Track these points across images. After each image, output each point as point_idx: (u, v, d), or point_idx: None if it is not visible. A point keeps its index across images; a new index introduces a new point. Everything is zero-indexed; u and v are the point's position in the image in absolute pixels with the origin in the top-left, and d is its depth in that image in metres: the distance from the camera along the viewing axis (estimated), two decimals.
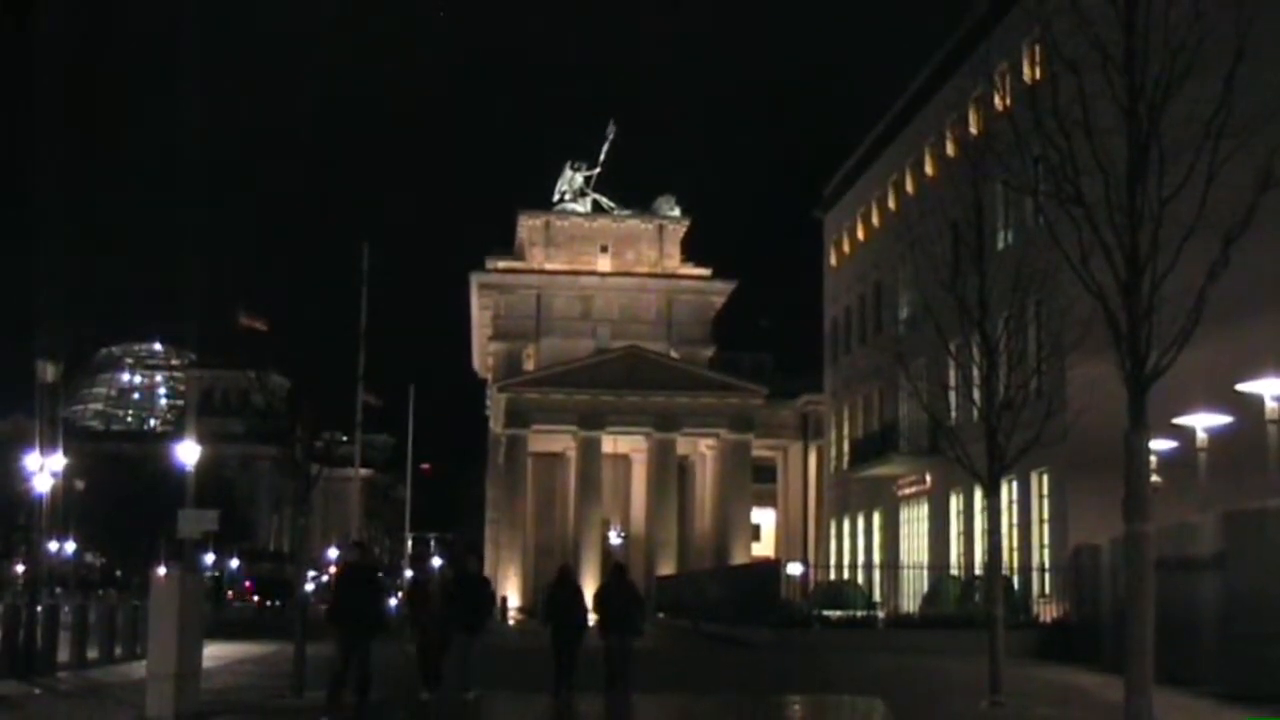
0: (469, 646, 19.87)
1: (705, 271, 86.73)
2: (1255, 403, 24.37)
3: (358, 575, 18.72)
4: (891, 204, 54.18)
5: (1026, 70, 27.92)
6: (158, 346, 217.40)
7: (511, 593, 77.08)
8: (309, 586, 45.61)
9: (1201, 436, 26.90)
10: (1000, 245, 37.72)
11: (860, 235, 60.15)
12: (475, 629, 19.99)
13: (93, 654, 25.67)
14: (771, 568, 44.55)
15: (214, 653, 23.94)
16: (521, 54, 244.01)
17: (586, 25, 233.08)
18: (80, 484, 68.44)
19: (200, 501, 37.69)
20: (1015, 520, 39.82)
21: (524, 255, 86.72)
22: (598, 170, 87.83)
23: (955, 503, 45.68)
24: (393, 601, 40.67)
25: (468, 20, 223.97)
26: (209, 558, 70.11)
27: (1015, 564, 38.55)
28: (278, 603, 72.44)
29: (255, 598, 79.45)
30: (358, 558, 19.87)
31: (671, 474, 77.87)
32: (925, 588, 41.62)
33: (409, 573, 67.22)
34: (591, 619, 21.12)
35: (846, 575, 51.25)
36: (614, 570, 22.65)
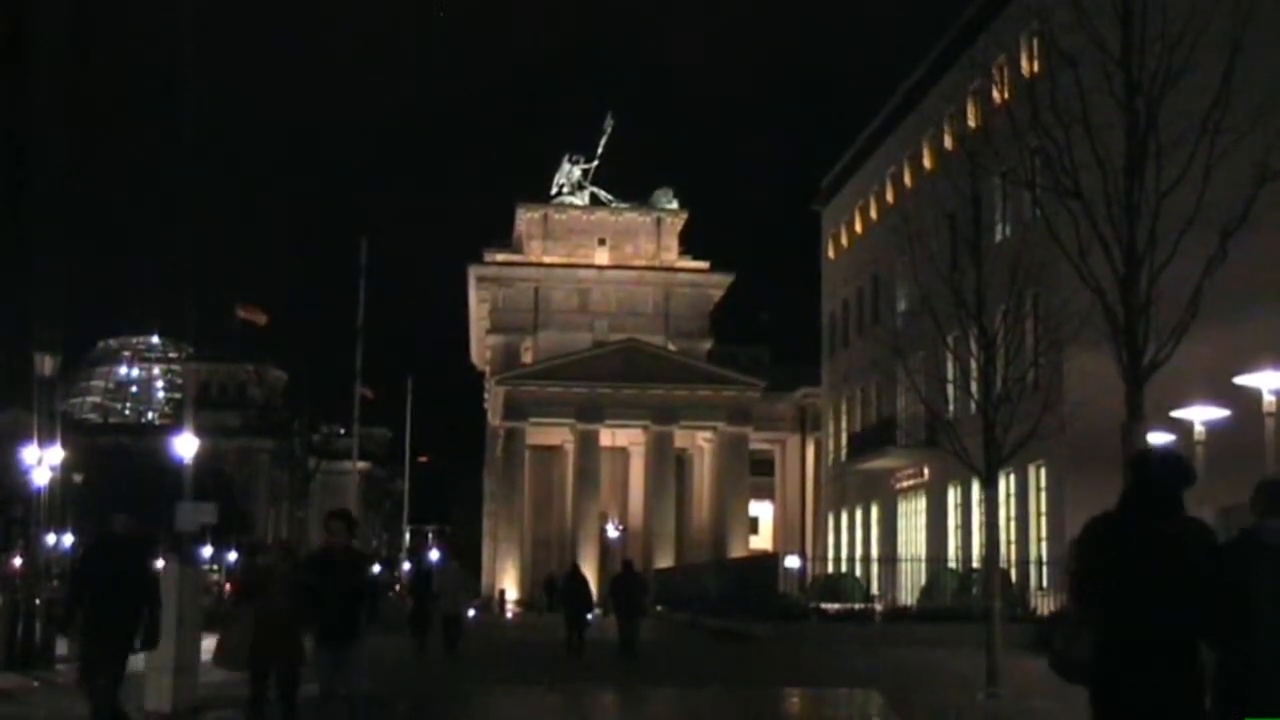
0: (330, 665, 12.08)
1: (703, 265, 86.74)
2: (1253, 396, 24.34)
3: (109, 555, 12.19)
4: (889, 197, 54.17)
5: (1024, 64, 27.88)
6: (155, 339, 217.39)
7: (509, 585, 77.23)
8: None
9: (1199, 430, 26.86)
10: (998, 238, 37.65)
11: (858, 228, 60.14)
12: (337, 636, 11.99)
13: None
14: (769, 561, 44.59)
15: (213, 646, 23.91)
16: (519, 47, 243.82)
17: (584, 18, 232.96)
18: (78, 477, 68.27)
19: (198, 494, 37.63)
20: (1013, 513, 39.85)
21: (522, 248, 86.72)
22: (595, 163, 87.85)
23: (953, 495, 45.72)
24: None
25: (465, 13, 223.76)
26: (207, 551, 70.01)
27: (1013, 557, 38.58)
28: None
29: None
30: (124, 528, 12.58)
31: (669, 467, 77.92)
32: (923, 580, 41.67)
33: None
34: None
35: (844, 568, 51.29)
36: (624, 565, 29.71)
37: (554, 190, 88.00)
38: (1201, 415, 26.79)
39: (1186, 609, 5.61)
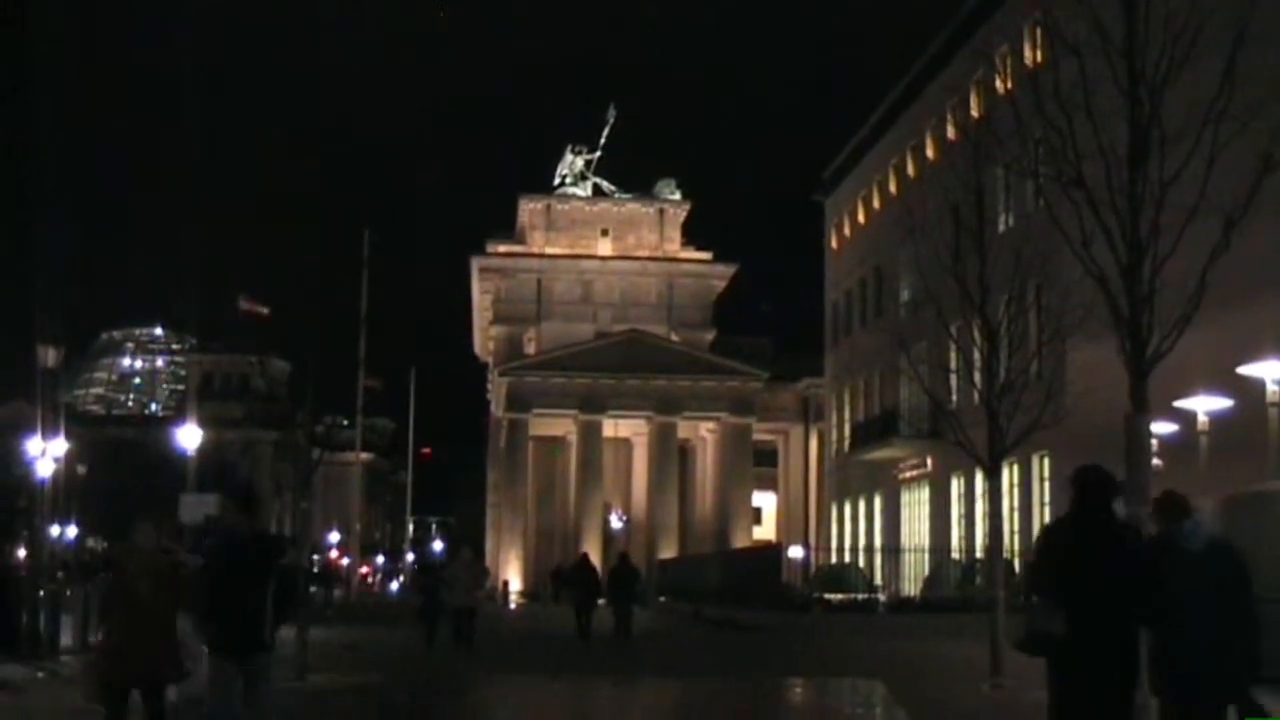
0: (227, 682, 9.28)
1: (706, 255, 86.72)
2: (1256, 386, 24.34)
3: None
4: (892, 187, 54.15)
5: (1028, 53, 27.85)
6: (159, 331, 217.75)
7: (513, 576, 77.31)
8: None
9: (1202, 419, 26.86)
10: (1001, 228, 37.69)
11: (861, 219, 60.12)
12: (242, 645, 9.30)
13: (95, 638, 25.73)
14: (773, 551, 44.71)
15: None
16: (522, 38, 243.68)
17: (587, 8, 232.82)
18: (82, 469, 68.34)
19: (201, 486, 37.72)
20: (1016, 503, 39.87)
21: (525, 239, 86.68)
22: (598, 154, 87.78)
23: (956, 486, 45.72)
24: None
25: (467, 5, 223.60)
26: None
27: (1016, 547, 38.59)
28: None
29: None
30: None
31: (672, 458, 77.95)
32: (926, 571, 41.75)
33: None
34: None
35: (848, 558, 51.34)
36: (620, 557, 32.17)
37: (557, 181, 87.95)
38: (1205, 405, 26.79)
39: (1125, 595, 7.32)
